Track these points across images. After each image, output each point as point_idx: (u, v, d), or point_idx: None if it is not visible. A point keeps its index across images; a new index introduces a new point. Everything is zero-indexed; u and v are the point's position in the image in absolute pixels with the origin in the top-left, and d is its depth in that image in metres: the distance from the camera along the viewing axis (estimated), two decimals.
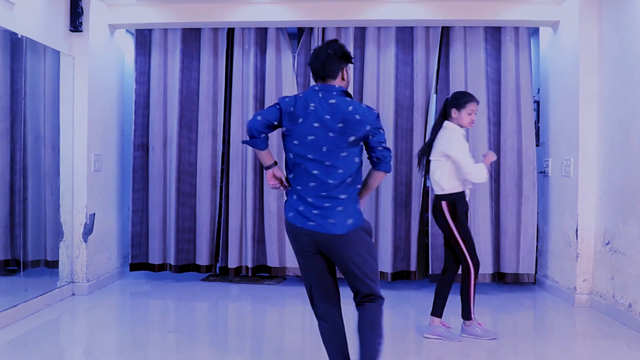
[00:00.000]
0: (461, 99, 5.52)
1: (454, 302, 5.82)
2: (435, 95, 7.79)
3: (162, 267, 8.14)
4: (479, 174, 5.33)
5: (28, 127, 6.70)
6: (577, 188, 6.96)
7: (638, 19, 6.01)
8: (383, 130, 3.94)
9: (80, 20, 7.07)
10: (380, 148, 3.89)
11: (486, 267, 7.57)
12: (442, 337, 5.57)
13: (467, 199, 5.60)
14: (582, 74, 6.91)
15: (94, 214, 7.39)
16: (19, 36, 6.20)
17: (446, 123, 5.53)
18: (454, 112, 5.48)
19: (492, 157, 5.61)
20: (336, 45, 4.01)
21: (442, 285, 5.67)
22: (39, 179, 6.96)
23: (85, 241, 7.24)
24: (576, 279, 6.96)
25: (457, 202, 5.48)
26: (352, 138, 3.77)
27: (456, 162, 5.35)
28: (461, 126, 5.52)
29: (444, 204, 5.48)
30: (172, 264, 8.02)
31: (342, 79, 3.97)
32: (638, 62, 6.03)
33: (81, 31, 7.12)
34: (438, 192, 5.53)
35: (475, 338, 5.58)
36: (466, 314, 5.58)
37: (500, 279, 7.76)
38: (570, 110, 7.14)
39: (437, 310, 5.63)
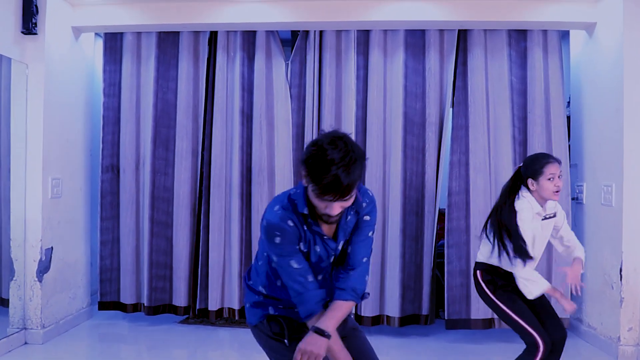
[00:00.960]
0: (535, 164, 4.64)
1: None
2: (451, 109, 7.06)
3: (135, 307, 7.33)
4: (527, 284, 4.46)
5: None
6: (621, 219, 6.09)
7: None
8: None
9: (34, 21, 6.22)
10: None
11: None
12: None
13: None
14: (626, 85, 6.09)
15: (52, 248, 6.52)
16: None
17: (523, 194, 4.64)
18: (530, 184, 4.60)
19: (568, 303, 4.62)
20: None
21: None
22: None
23: (40, 280, 6.35)
24: (620, 328, 6.07)
25: (490, 273, 4.69)
26: None
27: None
28: (544, 199, 4.64)
29: (478, 273, 4.74)
30: (146, 304, 7.20)
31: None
32: None
33: (36, 34, 6.27)
34: (479, 259, 4.83)
35: None
36: None
37: None
38: (611, 127, 6.32)
39: None
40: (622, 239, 6.06)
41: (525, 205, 4.46)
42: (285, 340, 3.25)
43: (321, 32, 7.10)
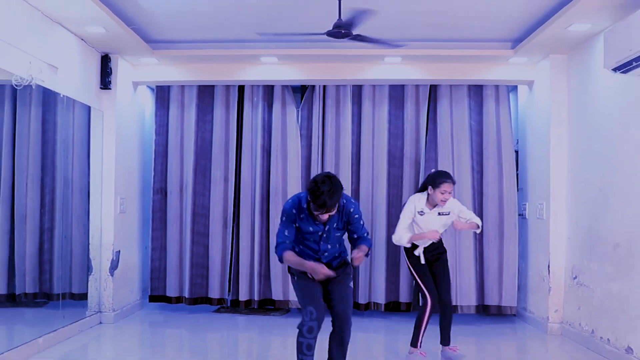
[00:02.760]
0: (437, 179, 6.29)
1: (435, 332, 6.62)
2: (425, 145, 8.59)
3: (178, 300, 8.90)
4: (397, 237, 6.34)
5: (58, 173, 7.36)
6: (549, 229, 7.76)
7: (598, 83, 6.87)
8: None
9: (109, 79, 7.94)
10: None
11: (470, 299, 8.39)
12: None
13: (416, 252, 6.42)
14: (552, 128, 7.74)
15: (119, 251, 8.18)
16: (61, 95, 7.02)
17: (421, 193, 6.44)
18: (430, 189, 6.29)
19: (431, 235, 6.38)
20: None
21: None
22: (66, 220, 7.56)
23: (112, 275, 8.02)
24: (549, 310, 7.74)
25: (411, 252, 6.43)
26: None
27: None
28: (433, 204, 6.34)
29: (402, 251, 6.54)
30: (187, 296, 8.78)
31: None
32: (597, 121, 6.91)
33: (110, 89, 7.98)
34: None
35: None
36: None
37: (484, 311, 8.53)
38: (542, 159, 7.96)
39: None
40: (549, 244, 7.74)
41: (412, 200, 6.38)
42: (295, 277, 5.20)
43: (324, 86, 8.73)
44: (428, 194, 6.28)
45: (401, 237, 6.24)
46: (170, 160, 8.96)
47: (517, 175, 8.68)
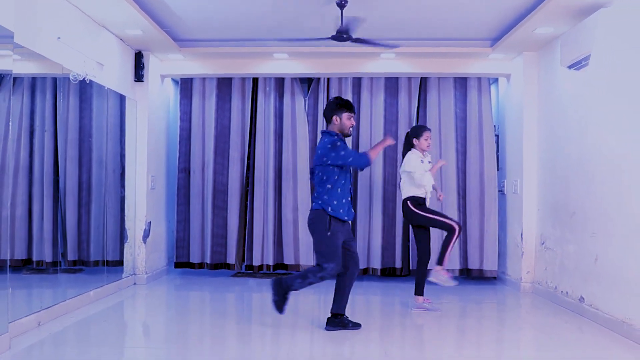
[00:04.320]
0: (418, 131, 7.45)
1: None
2: None
3: (200, 266, 9.91)
4: (422, 180, 7.25)
5: (93, 154, 8.25)
6: (522, 202, 8.76)
7: (558, 77, 7.89)
8: (338, 152, 6.14)
9: (142, 73, 8.98)
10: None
11: (454, 264, 9.42)
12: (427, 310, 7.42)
13: (427, 202, 7.45)
14: (525, 115, 8.72)
15: (151, 222, 9.21)
16: (105, 88, 8.06)
17: (412, 150, 7.45)
18: (415, 142, 7.40)
19: (440, 163, 7.57)
20: (332, 98, 6.41)
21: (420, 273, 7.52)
22: (101, 196, 8.39)
23: (145, 243, 9.05)
24: (522, 272, 8.77)
25: (417, 201, 7.34)
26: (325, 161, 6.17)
27: (410, 174, 7.30)
28: (422, 150, 7.41)
29: (409, 202, 7.35)
30: (208, 262, 9.79)
31: (333, 122, 6.31)
32: (558, 110, 7.93)
33: (142, 81, 9.01)
34: (404, 196, 7.42)
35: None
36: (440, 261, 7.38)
37: (468, 274, 9.57)
38: (517, 142, 8.95)
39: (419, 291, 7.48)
40: (522, 214, 8.76)
41: (413, 154, 7.37)
42: (331, 234, 6.17)
43: (328, 78, 9.70)
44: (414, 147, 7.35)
45: (423, 175, 7.22)
46: (193, 143, 9.91)
47: (497, 156, 9.63)
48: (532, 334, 6.80)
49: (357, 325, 6.35)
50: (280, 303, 6.28)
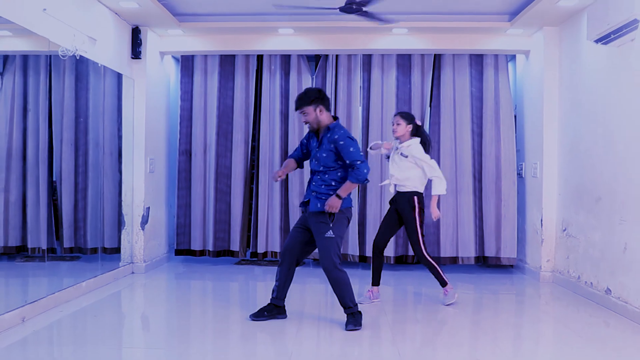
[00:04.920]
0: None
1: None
2: (429, 109, 9.19)
3: (202, 253, 9.54)
4: (436, 172, 6.92)
5: (90, 136, 7.95)
6: (542, 186, 8.36)
7: (584, 53, 7.45)
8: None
9: (139, 50, 8.54)
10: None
11: (469, 251, 9.03)
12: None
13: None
14: (545, 94, 8.30)
15: (149, 207, 8.81)
16: (99, 65, 7.64)
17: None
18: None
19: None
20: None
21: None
22: (98, 180, 8.12)
23: (143, 229, 8.66)
24: (541, 260, 8.37)
25: (422, 201, 6.96)
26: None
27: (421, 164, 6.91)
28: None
29: (416, 198, 6.90)
30: (211, 249, 9.42)
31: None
32: (583, 88, 7.50)
33: (140, 58, 8.57)
34: (408, 189, 6.94)
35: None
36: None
37: (484, 262, 9.17)
38: (537, 123, 8.53)
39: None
40: (542, 199, 8.35)
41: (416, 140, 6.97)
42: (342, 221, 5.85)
43: (337, 55, 9.28)
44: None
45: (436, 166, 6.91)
46: (194, 124, 9.53)
47: (515, 138, 9.19)
48: (553, 328, 6.42)
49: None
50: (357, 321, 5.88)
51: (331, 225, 5.75)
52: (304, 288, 7.95)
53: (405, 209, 6.87)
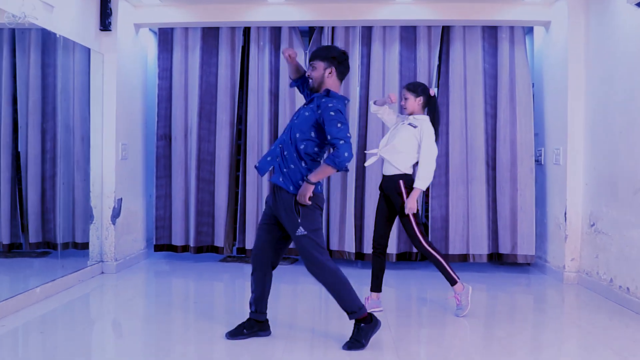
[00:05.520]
0: None
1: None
2: (436, 89, 8.32)
3: (184, 249, 8.72)
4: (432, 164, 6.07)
5: (58, 119, 7.18)
6: (566, 175, 7.50)
7: (619, 21, 6.55)
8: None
9: (109, 20, 7.64)
10: None
11: (481, 248, 8.18)
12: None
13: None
14: (570, 70, 7.44)
15: (121, 198, 7.97)
16: (57, 35, 6.76)
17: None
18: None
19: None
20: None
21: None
22: (68, 167, 7.42)
23: (114, 224, 7.81)
24: (565, 259, 7.51)
25: (411, 184, 6.06)
26: None
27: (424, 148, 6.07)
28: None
29: (402, 182, 6.03)
30: (192, 245, 8.59)
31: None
32: (618, 61, 6.59)
33: (110, 30, 7.68)
34: (397, 171, 6.09)
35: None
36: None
37: (498, 259, 8.32)
38: (560, 103, 7.68)
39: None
40: (566, 190, 7.49)
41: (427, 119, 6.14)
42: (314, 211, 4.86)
43: (333, 27, 8.41)
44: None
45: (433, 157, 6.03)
46: (174, 105, 8.72)
47: (533, 120, 8.36)
48: (580, 339, 5.54)
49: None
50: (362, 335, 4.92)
51: (299, 220, 4.77)
52: (295, 290, 7.15)
53: (393, 195, 6.03)
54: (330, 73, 4.93)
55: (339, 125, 4.64)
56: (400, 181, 5.95)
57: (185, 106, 8.74)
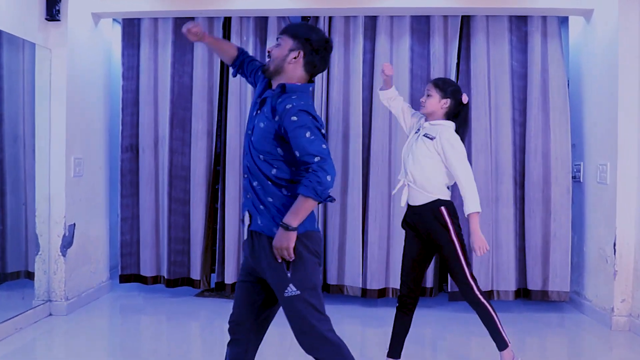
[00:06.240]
0: None
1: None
2: None
3: (155, 280, 7.63)
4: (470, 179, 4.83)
5: (5, 127, 6.35)
6: (615, 197, 6.36)
7: None
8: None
9: (57, 8, 6.46)
10: None
11: (507, 284, 7.05)
12: None
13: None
14: (621, 70, 6.32)
15: (74, 224, 6.81)
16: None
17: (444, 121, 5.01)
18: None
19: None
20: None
21: None
22: (18, 184, 6.59)
23: (64, 255, 6.64)
24: (614, 299, 6.35)
25: (453, 210, 4.92)
26: None
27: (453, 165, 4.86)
28: None
29: (443, 209, 4.78)
30: (165, 277, 7.51)
31: None
32: None
33: (59, 20, 6.51)
34: (432, 197, 4.85)
35: None
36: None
37: (526, 296, 7.17)
38: (606, 110, 6.56)
39: None
40: (616, 216, 6.29)
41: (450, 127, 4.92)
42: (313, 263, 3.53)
43: (330, 18, 7.27)
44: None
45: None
46: (142, 111, 7.58)
47: (570, 128, 7.22)
48: None
49: None
50: None
51: (288, 274, 3.40)
52: (285, 342, 5.72)
53: (432, 229, 4.72)
54: (295, 58, 3.57)
55: (307, 135, 3.30)
56: (442, 208, 4.70)
57: (155, 112, 7.62)
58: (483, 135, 7.03)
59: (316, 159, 3.22)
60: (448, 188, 4.80)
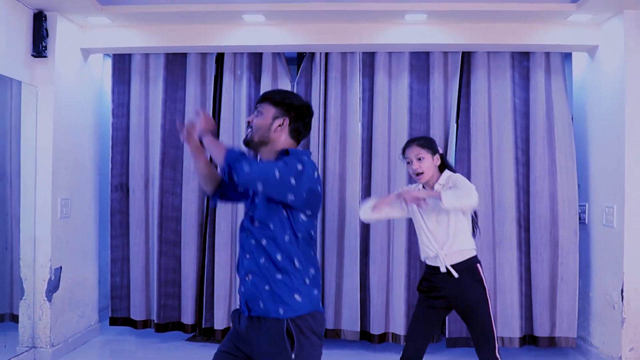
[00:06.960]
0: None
1: None
2: (456, 128, 7.03)
3: (145, 324, 7.35)
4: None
5: None
6: (623, 241, 6.07)
7: None
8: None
9: (44, 44, 6.25)
10: None
11: (512, 330, 6.76)
12: None
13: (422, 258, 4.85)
14: (627, 108, 6.07)
15: (60, 267, 6.54)
16: None
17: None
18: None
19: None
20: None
21: None
22: (4, 226, 6.41)
23: (49, 300, 6.37)
24: (621, 348, 6.05)
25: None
26: None
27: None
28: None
29: (479, 265, 4.57)
30: (156, 321, 7.23)
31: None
32: None
33: (46, 56, 6.30)
34: (467, 255, 4.60)
35: None
36: None
37: (532, 342, 6.89)
38: (613, 151, 6.30)
39: None
40: (623, 261, 6.03)
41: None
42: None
43: (327, 53, 7.07)
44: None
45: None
46: (132, 149, 7.35)
47: (576, 168, 6.97)
48: None
49: None
50: None
51: (292, 356, 3.07)
52: None
53: (467, 288, 4.47)
54: (280, 125, 3.39)
55: (282, 165, 3.15)
56: (477, 265, 4.49)
57: (146, 150, 7.37)
58: (483, 175, 6.83)
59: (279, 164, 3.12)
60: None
